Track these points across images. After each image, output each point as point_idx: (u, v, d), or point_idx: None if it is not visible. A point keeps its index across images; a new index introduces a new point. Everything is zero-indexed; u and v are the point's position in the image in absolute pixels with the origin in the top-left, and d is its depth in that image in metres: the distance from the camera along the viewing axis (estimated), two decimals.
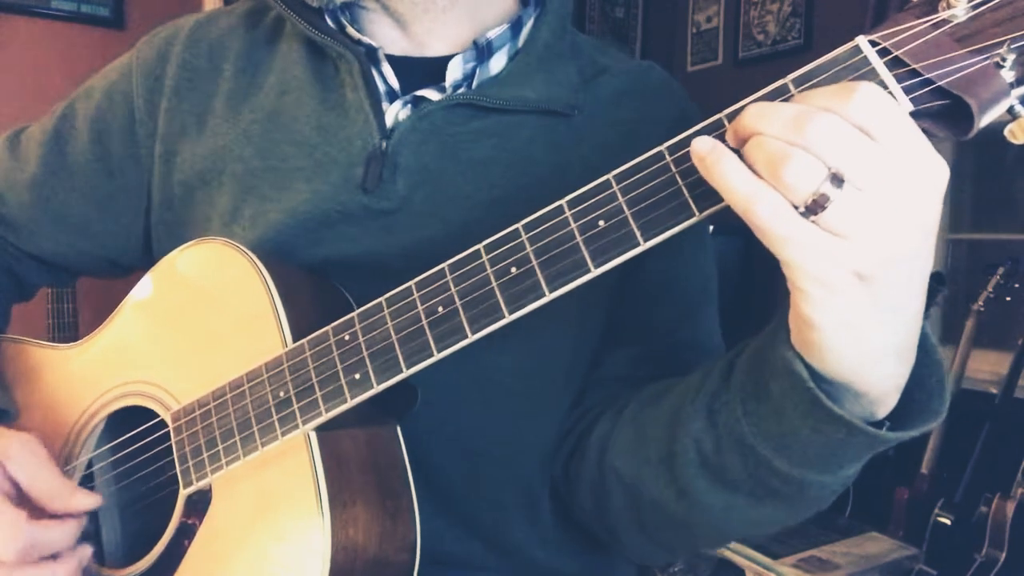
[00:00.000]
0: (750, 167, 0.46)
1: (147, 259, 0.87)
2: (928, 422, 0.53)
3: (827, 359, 0.50)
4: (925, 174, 0.45)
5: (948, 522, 2.26)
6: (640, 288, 0.76)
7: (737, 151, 0.47)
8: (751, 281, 2.87)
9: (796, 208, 0.44)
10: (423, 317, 0.59)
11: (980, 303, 2.40)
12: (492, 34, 0.77)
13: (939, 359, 0.54)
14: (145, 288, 0.78)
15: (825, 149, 0.43)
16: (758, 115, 0.46)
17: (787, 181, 0.44)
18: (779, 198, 0.45)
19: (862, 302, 0.46)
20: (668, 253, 0.48)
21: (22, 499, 0.68)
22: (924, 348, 0.53)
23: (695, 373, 0.65)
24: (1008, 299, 2.39)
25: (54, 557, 0.67)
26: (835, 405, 0.50)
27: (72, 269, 0.94)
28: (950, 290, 2.77)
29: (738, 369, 0.58)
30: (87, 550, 0.69)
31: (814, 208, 0.44)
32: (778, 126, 0.45)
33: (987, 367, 2.50)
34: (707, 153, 0.47)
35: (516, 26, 0.79)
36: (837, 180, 0.43)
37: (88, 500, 0.70)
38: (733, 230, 2.92)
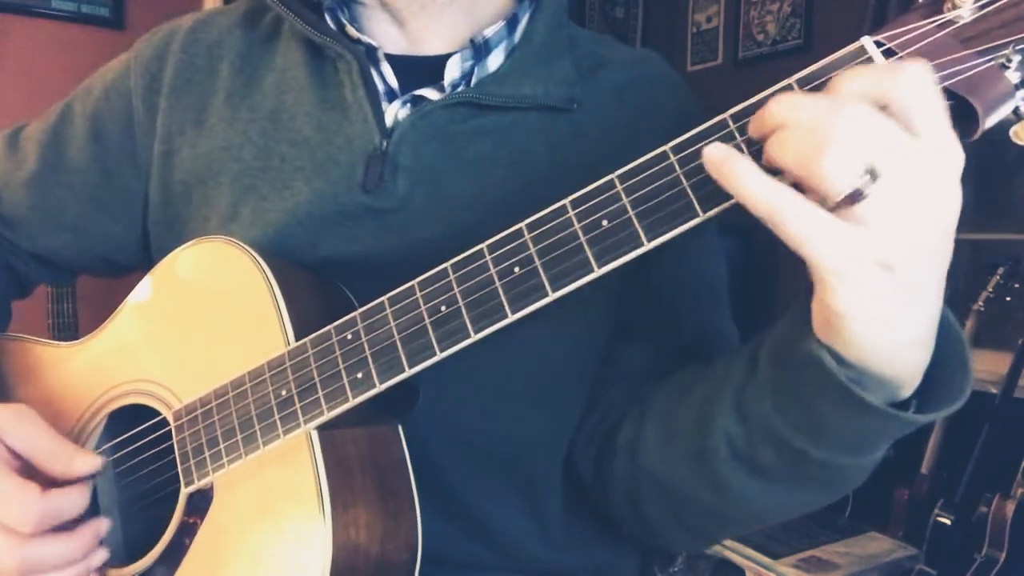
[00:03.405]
0: (774, 161, 0.45)
1: (146, 259, 0.87)
2: (953, 402, 0.52)
3: (853, 347, 0.49)
4: (952, 165, 0.45)
5: (948, 522, 2.25)
6: (653, 283, 0.76)
7: (756, 148, 0.47)
8: (751, 281, 2.87)
9: (827, 204, 0.44)
10: (426, 316, 0.59)
11: (980, 303, 2.40)
12: (488, 32, 0.77)
13: (961, 339, 0.53)
14: (147, 287, 0.78)
15: (862, 144, 0.43)
16: (788, 106, 0.45)
17: (827, 175, 0.43)
18: (801, 199, 0.44)
19: (890, 293, 0.46)
20: (681, 247, 0.48)
21: (25, 468, 0.68)
22: (945, 328, 0.53)
23: (716, 366, 0.65)
24: (1008, 299, 2.39)
25: (70, 531, 0.67)
26: (864, 393, 0.50)
27: (71, 268, 0.94)
28: (950, 290, 2.77)
29: (763, 363, 0.58)
30: (103, 523, 0.70)
31: (848, 202, 0.43)
32: (810, 117, 0.44)
33: (987, 367, 2.50)
34: (721, 160, 0.47)
35: (512, 22, 0.79)
36: (873, 174, 0.43)
37: (90, 462, 0.70)
38: (733, 230, 2.93)
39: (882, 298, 0.46)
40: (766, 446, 0.58)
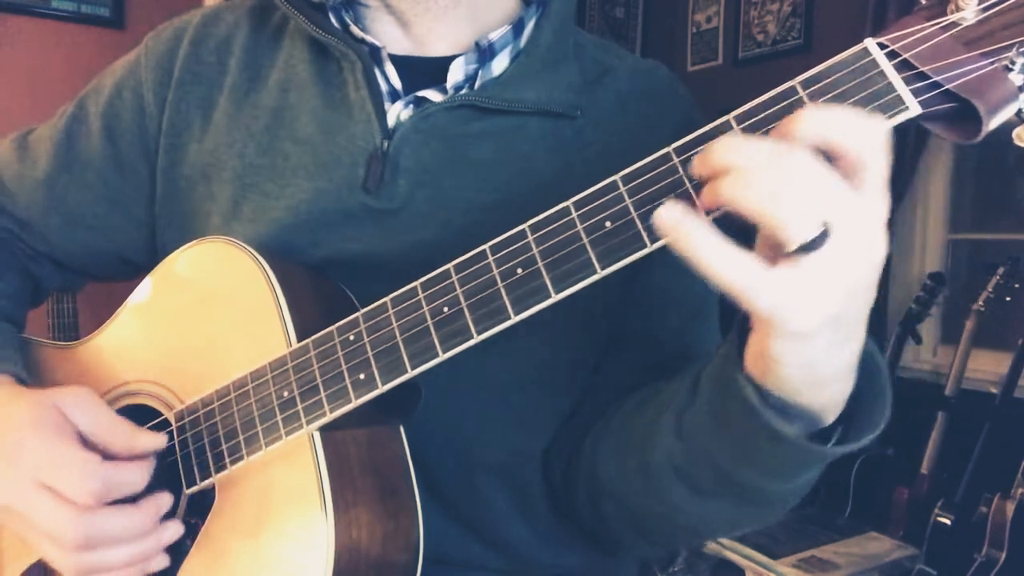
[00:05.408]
0: (727, 203, 0.46)
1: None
2: (873, 429, 0.55)
3: (782, 386, 0.52)
4: (881, 214, 0.46)
5: (948, 522, 2.26)
6: (642, 297, 0.76)
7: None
8: None
9: (783, 251, 0.45)
10: (428, 317, 0.59)
11: (980, 303, 2.40)
12: (494, 35, 0.77)
13: (882, 370, 0.56)
14: (148, 287, 0.78)
15: (817, 196, 0.44)
16: (737, 150, 0.46)
17: (787, 224, 0.44)
18: (758, 265, 0.46)
19: (827, 341, 0.48)
20: (671, 261, 0.48)
21: (87, 445, 0.66)
22: (868, 359, 0.54)
23: (670, 384, 0.66)
24: (1008, 299, 2.39)
25: (132, 502, 0.65)
26: (784, 424, 0.52)
27: (85, 270, 0.93)
28: (950, 290, 2.78)
29: (702, 387, 0.60)
30: (166, 498, 0.67)
31: (803, 251, 0.45)
32: (762, 164, 0.45)
33: (987, 367, 2.51)
34: (676, 224, 0.47)
35: (518, 27, 0.78)
36: (827, 227, 0.44)
37: (153, 440, 0.68)
38: (733, 228, 2.93)
39: (821, 346, 0.48)
40: (701, 466, 0.60)
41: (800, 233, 0.44)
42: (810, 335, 0.47)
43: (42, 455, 0.64)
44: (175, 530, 0.67)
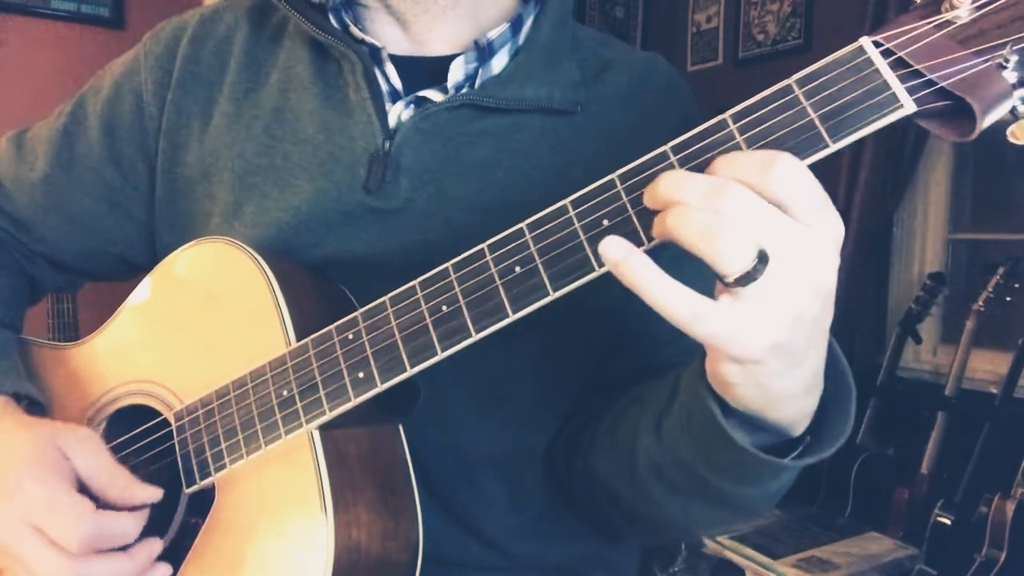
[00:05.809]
0: (671, 236, 0.48)
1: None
2: (830, 446, 0.56)
3: (739, 403, 0.53)
4: (832, 238, 0.47)
5: (948, 522, 2.26)
6: (634, 299, 0.76)
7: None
8: None
9: (723, 282, 0.46)
10: (427, 316, 0.59)
11: (980, 303, 2.40)
12: (492, 34, 0.77)
13: (849, 386, 0.57)
14: (147, 287, 0.79)
15: (752, 228, 0.46)
16: (676, 185, 0.48)
17: (722, 256, 0.45)
18: (699, 297, 0.47)
19: (775, 366, 0.49)
20: (674, 263, 0.49)
21: (84, 491, 0.67)
22: (838, 371, 0.56)
23: (656, 385, 0.67)
24: (1008, 299, 2.39)
25: (123, 550, 0.65)
26: (744, 437, 0.54)
27: (83, 270, 0.93)
28: (950, 290, 2.78)
29: (680, 392, 0.61)
30: (156, 544, 0.67)
31: (742, 281, 0.46)
32: (697, 199, 0.47)
33: (987, 367, 2.50)
34: (622, 258, 0.48)
35: (516, 24, 0.78)
36: (763, 257, 0.46)
37: (149, 493, 0.68)
38: None
39: (769, 371, 0.49)
40: (676, 468, 0.61)
41: (733, 265, 0.45)
42: (756, 361, 0.48)
43: (37, 496, 0.64)
44: (162, 573, 0.67)
